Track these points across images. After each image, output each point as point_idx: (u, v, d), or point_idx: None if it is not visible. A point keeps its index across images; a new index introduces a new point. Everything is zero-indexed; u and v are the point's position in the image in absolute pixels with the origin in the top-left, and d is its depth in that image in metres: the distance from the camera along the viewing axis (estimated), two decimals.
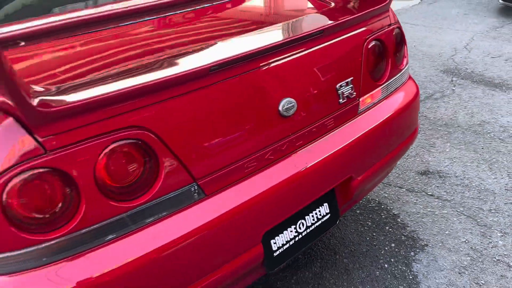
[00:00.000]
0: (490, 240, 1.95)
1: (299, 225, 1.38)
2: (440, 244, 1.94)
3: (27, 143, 0.89)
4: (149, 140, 1.01)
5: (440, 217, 2.10)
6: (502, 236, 1.97)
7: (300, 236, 1.39)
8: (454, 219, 2.08)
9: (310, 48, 1.29)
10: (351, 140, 1.41)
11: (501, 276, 1.77)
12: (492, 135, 2.75)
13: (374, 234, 2.04)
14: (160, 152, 1.03)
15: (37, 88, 0.96)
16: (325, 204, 1.45)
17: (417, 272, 1.82)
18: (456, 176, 2.38)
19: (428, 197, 2.25)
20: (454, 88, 3.46)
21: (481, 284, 1.74)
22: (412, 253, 1.91)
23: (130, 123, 0.98)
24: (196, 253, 1.10)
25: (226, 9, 1.58)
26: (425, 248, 1.93)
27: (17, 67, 1.07)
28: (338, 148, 1.37)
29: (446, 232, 2.01)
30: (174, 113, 1.04)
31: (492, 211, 2.11)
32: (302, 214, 1.38)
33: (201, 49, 1.19)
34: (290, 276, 1.85)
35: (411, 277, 1.80)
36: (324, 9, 1.55)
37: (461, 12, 5.52)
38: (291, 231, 1.36)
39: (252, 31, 1.36)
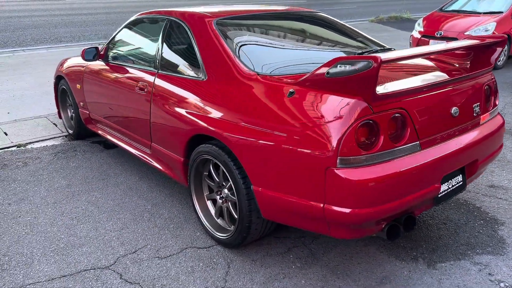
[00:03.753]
0: None
1: (449, 183, 2.44)
2: None
3: (366, 108, 1.99)
4: (404, 115, 2.11)
5: (509, 210, 3.13)
6: None
7: (448, 190, 2.44)
8: None
9: (465, 83, 2.44)
10: (477, 138, 2.50)
11: None
12: None
13: (468, 216, 3.06)
14: (408, 122, 2.13)
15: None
16: (460, 175, 2.51)
17: (501, 235, 2.82)
18: None
19: (497, 199, 3.29)
20: None
21: None
22: (496, 226, 2.92)
23: (399, 105, 2.10)
24: (412, 178, 2.14)
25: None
26: (504, 223, 2.95)
27: None
28: (472, 141, 2.46)
29: None
30: (416, 103, 2.16)
31: None
32: (451, 177, 2.44)
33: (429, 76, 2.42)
34: (418, 232, 2.85)
35: (498, 237, 2.80)
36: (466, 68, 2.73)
37: None
38: (446, 185, 2.41)
39: (444, 72, 2.57)
